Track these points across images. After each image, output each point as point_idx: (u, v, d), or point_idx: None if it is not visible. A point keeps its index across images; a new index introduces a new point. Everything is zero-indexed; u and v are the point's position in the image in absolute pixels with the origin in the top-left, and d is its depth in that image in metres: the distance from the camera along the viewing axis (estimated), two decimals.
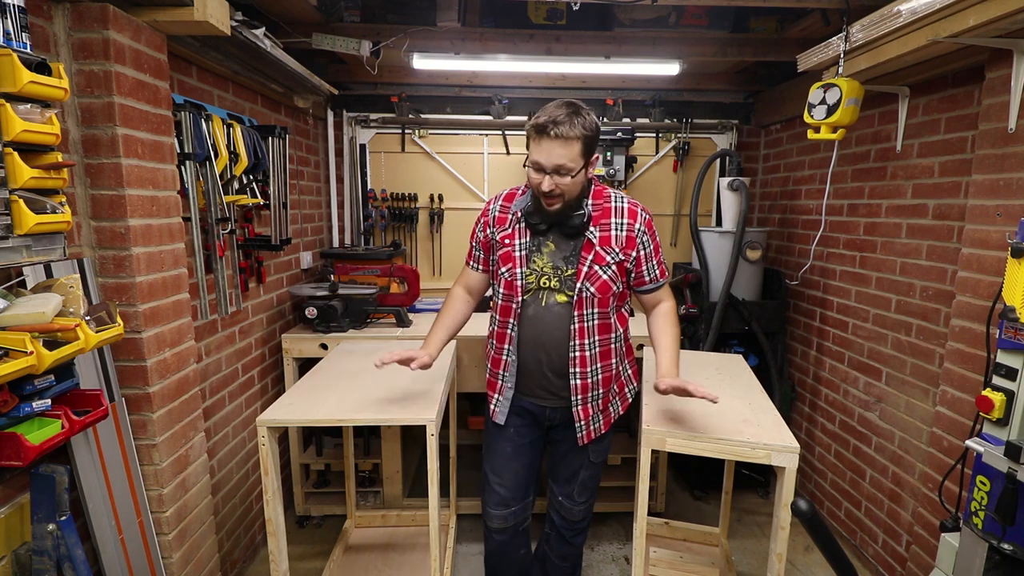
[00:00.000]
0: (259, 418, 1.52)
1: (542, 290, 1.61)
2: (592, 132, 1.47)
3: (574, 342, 1.60)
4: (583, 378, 1.63)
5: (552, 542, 1.88)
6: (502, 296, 1.65)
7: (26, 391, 1.18)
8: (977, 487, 1.31)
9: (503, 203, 1.68)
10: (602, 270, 1.57)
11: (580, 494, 1.79)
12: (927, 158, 2.07)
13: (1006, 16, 1.38)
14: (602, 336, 1.62)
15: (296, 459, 2.63)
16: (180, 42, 1.72)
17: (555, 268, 1.60)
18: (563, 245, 1.60)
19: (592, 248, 1.57)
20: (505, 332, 1.66)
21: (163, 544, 1.69)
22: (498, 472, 1.75)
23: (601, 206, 1.59)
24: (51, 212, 1.16)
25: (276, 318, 2.65)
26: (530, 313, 1.62)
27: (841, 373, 2.59)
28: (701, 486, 2.98)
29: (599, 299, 1.58)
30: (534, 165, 1.48)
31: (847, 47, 1.94)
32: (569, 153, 1.44)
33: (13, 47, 1.08)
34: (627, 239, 1.58)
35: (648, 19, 2.68)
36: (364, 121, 3.24)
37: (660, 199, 3.42)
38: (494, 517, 1.76)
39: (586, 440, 1.70)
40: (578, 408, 1.66)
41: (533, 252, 1.61)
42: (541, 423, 1.74)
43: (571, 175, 1.46)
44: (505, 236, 1.64)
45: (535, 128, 1.45)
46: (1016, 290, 1.23)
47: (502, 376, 1.70)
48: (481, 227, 1.71)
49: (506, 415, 1.71)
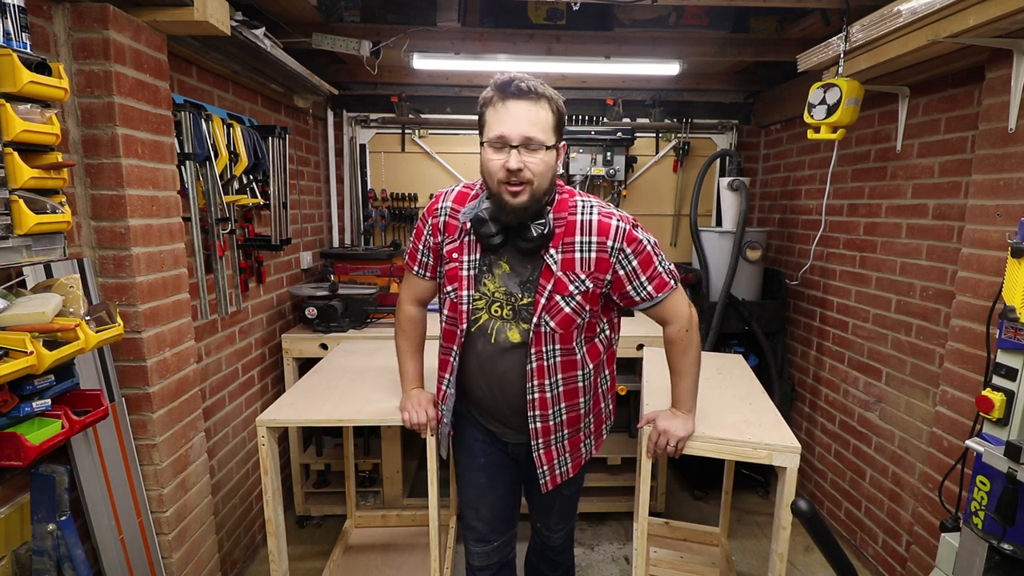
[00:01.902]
0: (259, 418, 1.52)
1: (493, 320, 1.36)
2: (561, 106, 1.25)
3: (532, 383, 1.35)
4: (543, 420, 1.39)
5: (540, 554, 1.79)
6: (447, 318, 1.42)
7: (26, 391, 1.18)
8: (977, 487, 1.31)
9: (453, 205, 1.38)
10: (564, 301, 1.30)
11: (557, 523, 1.65)
12: (927, 158, 2.07)
13: (1006, 16, 1.38)
14: (566, 374, 1.37)
15: (296, 459, 2.63)
16: (180, 42, 1.71)
17: (508, 295, 1.34)
18: (519, 267, 1.33)
19: (551, 275, 1.29)
20: (448, 360, 1.43)
21: (163, 544, 1.68)
22: (473, 506, 1.55)
23: (564, 220, 1.29)
24: (51, 212, 1.16)
25: (276, 318, 2.65)
26: (478, 348, 1.39)
27: (841, 373, 2.59)
28: (701, 486, 2.98)
29: (560, 335, 1.32)
30: (496, 141, 1.20)
31: (847, 47, 1.93)
32: (539, 119, 1.19)
33: (13, 47, 1.08)
34: (597, 261, 1.29)
35: (648, 19, 2.68)
36: (364, 121, 3.24)
37: (660, 199, 3.42)
38: (475, 555, 1.58)
39: (550, 486, 1.47)
40: (539, 453, 1.43)
41: (483, 273, 1.35)
42: (507, 455, 1.55)
43: (542, 150, 1.20)
44: (453, 249, 1.36)
45: (497, 88, 1.20)
46: (1016, 290, 1.23)
47: (441, 408, 1.51)
48: (430, 230, 1.41)
49: (447, 449, 1.56)
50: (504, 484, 1.57)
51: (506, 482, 1.57)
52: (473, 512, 1.56)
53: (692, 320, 1.41)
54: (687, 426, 1.46)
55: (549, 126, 1.22)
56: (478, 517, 1.56)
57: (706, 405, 1.69)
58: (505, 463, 1.56)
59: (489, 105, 1.22)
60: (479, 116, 1.26)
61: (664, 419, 1.47)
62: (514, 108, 1.19)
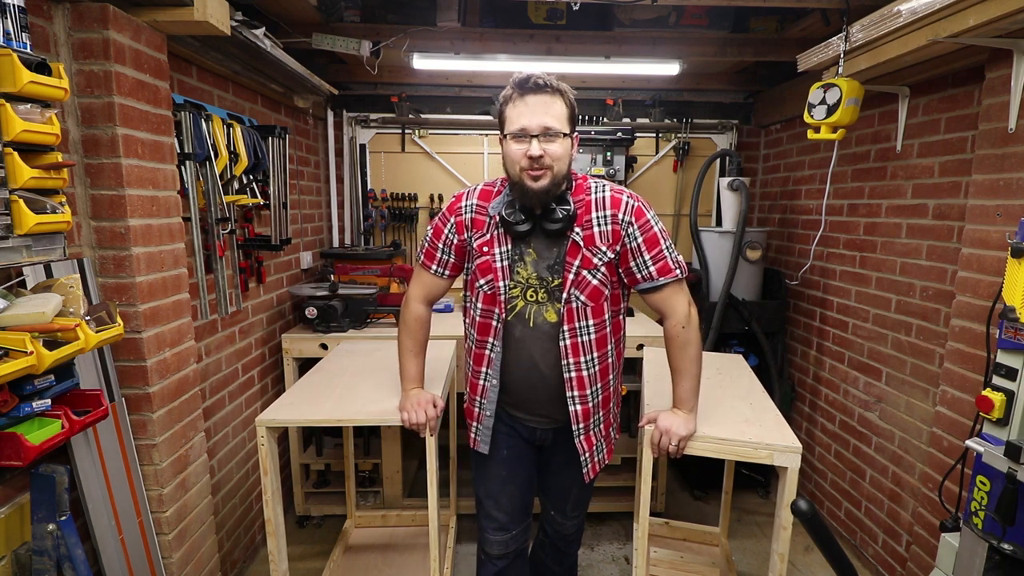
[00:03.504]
0: (259, 418, 1.51)
1: (529, 304, 1.43)
2: (573, 99, 1.37)
3: (568, 361, 1.42)
4: (583, 402, 1.46)
5: (547, 548, 1.83)
6: (480, 311, 1.46)
7: (26, 391, 1.18)
8: (977, 487, 1.31)
9: (479, 202, 1.46)
10: (591, 274, 1.39)
11: (573, 510, 1.70)
12: (927, 158, 2.07)
13: (1006, 16, 1.38)
14: (600, 351, 1.45)
15: (296, 459, 2.63)
16: (180, 42, 1.71)
17: (540, 279, 1.42)
18: (546, 252, 1.42)
19: (578, 251, 1.38)
20: (484, 353, 1.48)
21: (163, 544, 1.68)
22: (494, 496, 1.60)
23: (583, 201, 1.40)
24: (51, 212, 1.16)
25: (276, 318, 2.65)
26: (517, 335, 1.45)
27: (841, 373, 2.59)
28: (701, 486, 2.98)
29: (592, 307, 1.41)
30: (517, 133, 1.31)
31: (847, 47, 1.93)
32: (555, 110, 1.31)
33: (13, 47, 1.08)
34: (612, 233, 1.39)
35: (648, 19, 2.68)
36: (364, 121, 3.24)
37: (660, 199, 3.42)
38: (494, 544, 1.61)
39: (592, 475, 1.54)
40: (580, 439, 1.49)
41: (516, 262, 1.42)
42: (532, 443, 1.61)
43: (559, 138, 1.31)
44: (483, 243, 1.43)
45: (517, 85, 1.32)
46: (1016, 290, 1.23)
47: (479, 403, 1.54)
48: (453, 228, 1.47)
49: (489, 444, 1.56)
50: (523, 474, 1.61)
51: (525, 472, 1.62)
52: (493, 502, 1.60)
53: (692, 318, 1.43)
54: (688, 425, 1.46)
55: (564, 117, 1.33)
56: (499, 507, 1.60)
57: (706, 405, 1.69)
58: (526, 453, 1.61)
59: (509, 102, 1.34)
60: (499, 114, 1.37)
61: (666, 418, 1.47)
62: (532, 102, 1.30)
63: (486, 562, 1.65)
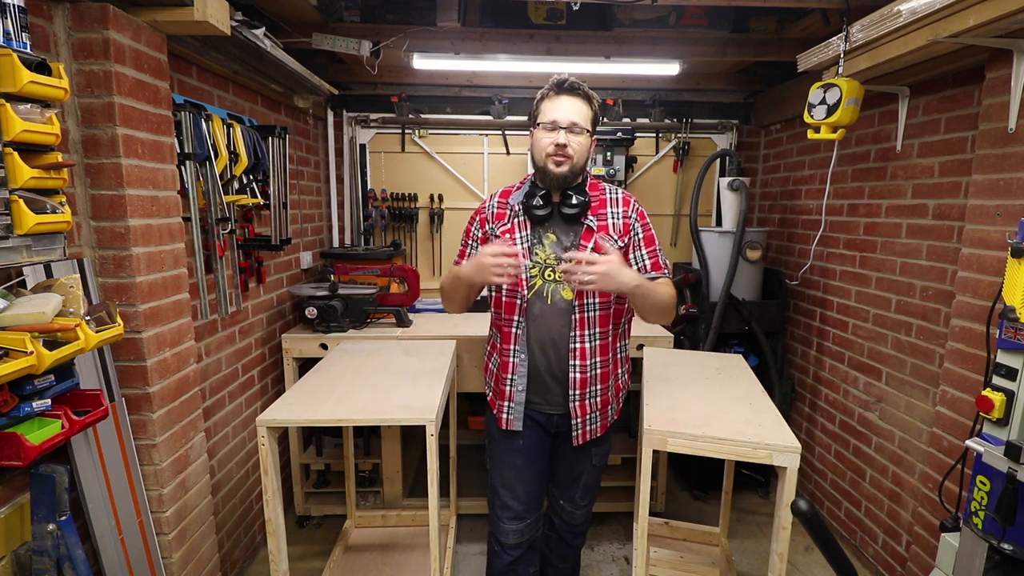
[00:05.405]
0: (259, 418, 1.51)
1: (547, 283, 1.58)
2: (599, 108, 1.56)
3: (574, 333, 1.57)
4: (582, 371, 1.59)
5: (552, 544, 1.88)
6: (506, 291, 1.61)
7: (26, 391, 1.18)
8: (977, 487, 1.31)
9: (499, 199, 1.67)
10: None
11: (582, 497, 1.77)
12: (927, 158, 2.07)
13: (1006, 16, 1.38)
14: (602, 328, 1.59)
15: (296, 459, 2.63)
16: (180, 42, 1.71)
17: (558, 260, 1.56)
18: (563, 236, 1.59)
19: (592, 235, 1.55)
20: (511, 331, 1.61)
21: (163, 544, 1.68)
22: (509, 486, 1.69)
23: (598, 197, 1.60)
24: (51, 212, 1.16)
25: (276, 318, 2.65)
26: (536, 312, 1.60)
27: (841, 373, 2.59)
28: (701, 486, 2.98)
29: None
30: (548, 125, 1.50)
31: (847, 47, 1.93)
32: (583, 112, 1.50)
33: (13, 47, 1.08)
34: (623, 226, 1.59)
35: (648, 19, 2.68)
36: (364, 121, 3.24)
37: (660, 199, 3.41)
38: (509, 532, 1.69)
39: (581, 440, 1.66)
40: (575, 404, 1.62)
41: (535, 244, 1.59)
42: (548, 430, 1.70)
43: (583, 134, 1.50)
44: (505, 231, 1.61)
45: (556, 85, 1.52)
46: (1016, 290, 1.23)
47: (511, 381, 1.63)
48: (478, 225, 1.69)
49: (522, 420, 1.65)
50: (538, 463, 1.71)
51: (541, 461, 1.72)
52: (509, 492, 1.69)
53: (672, 296, 1.59)
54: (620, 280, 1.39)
55: (589, 118, 1.53)
56: (514, 496, 1.69)
57: (706, 405, 1.70)
58: (542, 441, 1.71)
59: (546, 98, 1.53)
60: (535, 107, 1.57)
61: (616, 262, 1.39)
62: (565, 100, 1.51)
63: (500, 552, 1.72)
